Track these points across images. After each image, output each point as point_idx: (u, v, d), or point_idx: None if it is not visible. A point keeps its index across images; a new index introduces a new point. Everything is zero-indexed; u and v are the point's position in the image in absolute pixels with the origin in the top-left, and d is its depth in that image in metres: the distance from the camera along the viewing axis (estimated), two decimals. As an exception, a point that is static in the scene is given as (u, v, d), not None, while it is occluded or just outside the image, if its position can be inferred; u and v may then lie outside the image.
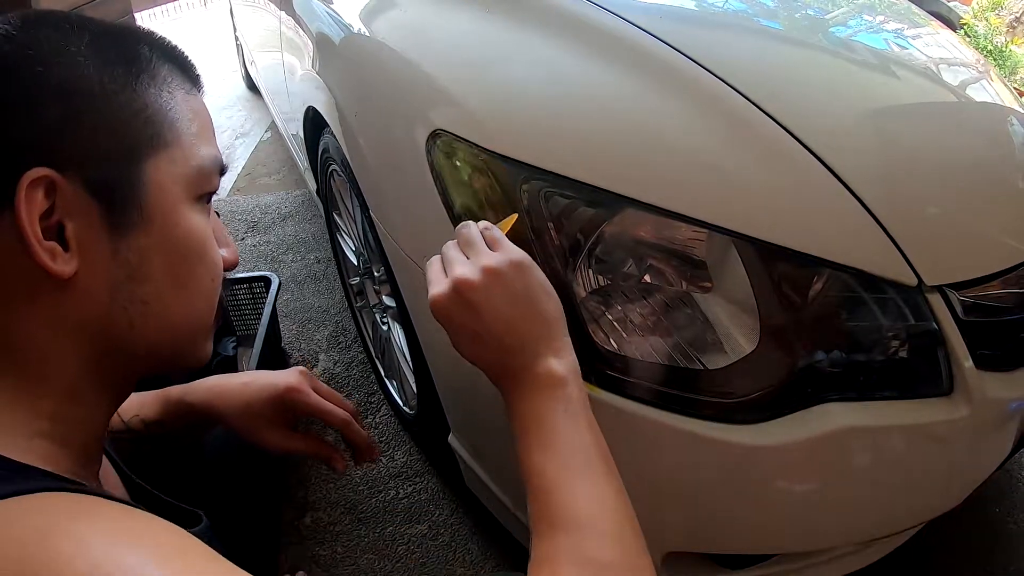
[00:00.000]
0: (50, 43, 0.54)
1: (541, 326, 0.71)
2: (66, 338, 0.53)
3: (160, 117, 0.57)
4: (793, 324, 0.87)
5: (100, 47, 0.56)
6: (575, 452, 0.65)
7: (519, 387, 0.70)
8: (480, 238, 0.75)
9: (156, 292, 0.57)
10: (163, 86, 0.59)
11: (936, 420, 0.92)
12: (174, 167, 0.58)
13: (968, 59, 1.43)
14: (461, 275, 0.70)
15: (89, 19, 0.59)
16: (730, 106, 0.96)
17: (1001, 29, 5.15)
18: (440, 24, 1.22)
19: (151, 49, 0.61)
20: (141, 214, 0.55)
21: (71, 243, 0.51)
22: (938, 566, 1.39)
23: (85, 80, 0.54)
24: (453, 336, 0.73)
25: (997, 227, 1.04)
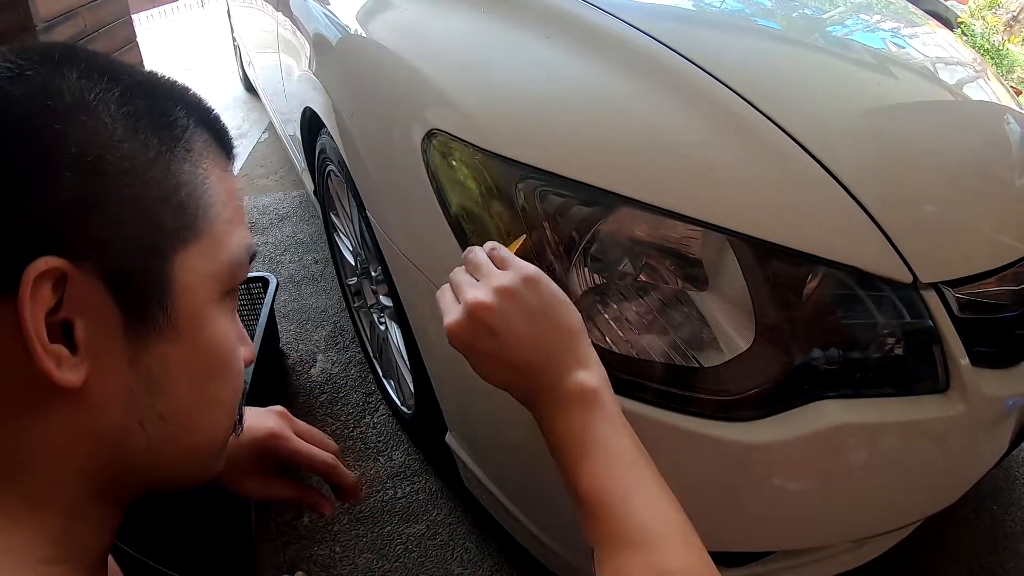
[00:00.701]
0: (73, 94, 0.45)
1: (564, 339, 0.69)
2: (74, 455, 0.45)
3: (194, 201, 0.48)
4: (788, 322, 0.88)
5: (132, 105, 0.47)
6: (622, 463, 0.64)
7: (552, 405, 0.67)
8: (487, 260, 0.73)
9: (177, 408, 0.49)
10: (199, 162, 0.50)
11: (931, 417, 0.93)
12: (205, 262, 0.49)
13: (965, 58, 1.44)
14: (474, 299, 0.67)
15: (121, 65, 0.50)
16: (725, 105, 0.96)
17: (998, 27, 5.15)
18: (436, 24, 1.22)
19: (188, 113, 0.51)
20: (166, 317, 0.46)
21: (80, 346, 0.43)
22: (935, 564, 1.40)
23: (111, 148, 0.44)
24: (475, 363, 0.70)
25: (993, 225, 1.04)
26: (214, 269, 0.49)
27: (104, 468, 0.47)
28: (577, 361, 0.68)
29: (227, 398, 0.54)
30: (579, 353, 0.69)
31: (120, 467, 0.48)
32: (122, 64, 0.50)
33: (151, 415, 0.47)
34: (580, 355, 0.69)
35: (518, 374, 0.68)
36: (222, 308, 0.51)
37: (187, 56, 5.82)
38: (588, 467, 0.64)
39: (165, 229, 0.46)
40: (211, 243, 0.49)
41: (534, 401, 0.69)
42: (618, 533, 0.60)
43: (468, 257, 0.75)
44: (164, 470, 0.50)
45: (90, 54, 0.49)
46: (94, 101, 0.45)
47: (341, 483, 0.83)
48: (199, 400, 0.50)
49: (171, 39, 6.52)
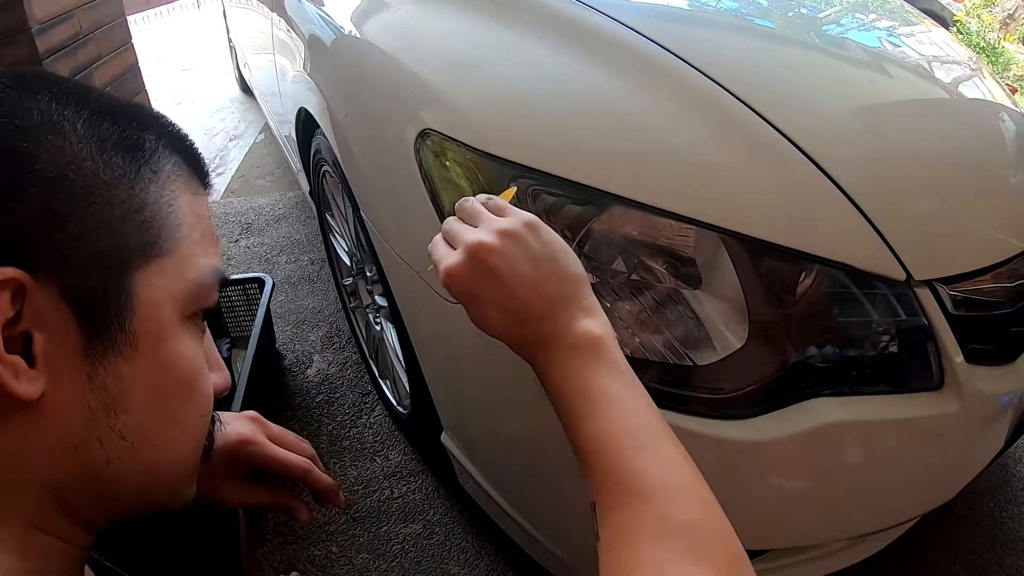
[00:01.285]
0: (42, 115, 0.45)
1: (568, 285, 0.66)
2: (35, 467, 0.45)
3: (159, 221, 0.49)
4: (782, 320, 0.88)
5: (99, 128, 0.48)
6: (630, 413, 0.60)
7: (555, 355, 0.64)
8: (484, 208, 0.70)
9: (137, 427, 0.48)
10: (166, 183, 0.50)
11: (926, 414, 0.93)
12: (168, 281, 0.49)
13: (960, 57, 1.44)
14: (476, 239, 0.64)
15: (91, 90, 0.51)
16: (718, 103, 0.96)
17: (994, 26, 5.16)
18: (429, 25, 1.22)
19: (158, 137, 0.52)
20: (125, 335, 0.46)
21: (39, 359, 0.43)
22: (932, 561, 1.40)
23: (76, 167, 0.45)
24: (474, 309, 0.66)
25: (987, 222, 1.04)
26: (178, 288, 0.49)
27: (67, 483, 0.46)
28: (581, 309, 0.65)
29: (190, 420, 0.52)
30: (583, 301, 0.66)
31: (83, 483, 0.47)
32: (93, 90, 0.51)
33: (109, 432, 0.47)
34: (584, 303, 0.66)
35: (519, 321, 0.65)
36: (187, 329, 0.51)
37: (183, 57, 5.82)
38: (593, 417, 0.60)
39: (128, 247, 0.46)
40: (176, 263, 0.49)
41: (535, 351, 0.66)
42: (624, 484, 0.56)
43: (464, 206, 0.71)
44: (128, 491, 0.50)
45: (62, 80, 0.50)
46: (61, 122, 0.46)
47: (318, 487, 0.80)
48: (159, 419, 0.49)
49: (167, 40, 6.52)
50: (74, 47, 2.08)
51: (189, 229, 0.51)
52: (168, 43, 6.39)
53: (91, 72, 2.19)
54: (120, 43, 2.42)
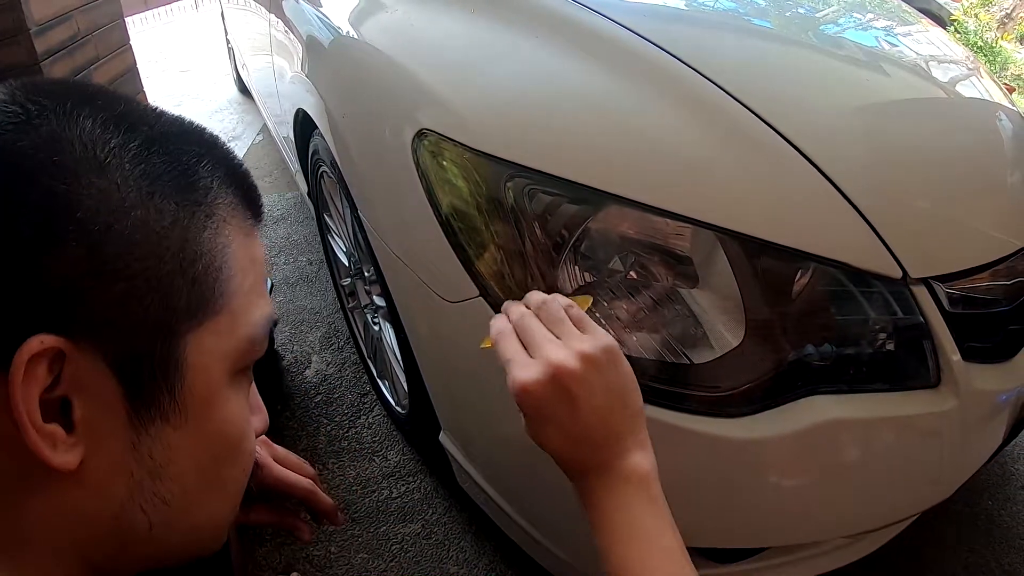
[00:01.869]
0: (85, 148, 0.40)
1: (630, 420, 0.66)
2: (71, 533, 0.42)
3: (212, 274, 0.44)
4: (779, 318, 0.88)
5: (149, 164, 0.42)
6: (665, 552, 0.63)
7: (604, 481, 0.65)
8: (567, 317, 0.68)
9: (181, 492, 0.45)
10: (221, 227, 0.45)
11: (923, 412, 0.93)
12: (220, 340, 0.44)
13: (957, 56, 1.44)
14: (559, 361, 0.62)
15: (137, 109, 0.45)
16: (713, 102, 0.97)
17: (991, 25, 5.17)
18: (426, 26, 1.22)
19: (212, 168, 0.46)
20: (173, 402, 0.43)
21: (78, 426, 0.39)
22: (931, 559, 1.40)
23: (122, 216, 0.40)
24: (538, 425, 0.65)
25: (984, 220, 1.05)
26: (230, 347, 0.45)
27: (102, 546, 0.44)
28: (637, 443, 0.66)
29: (235, 480, 0.51)
30: (639, 435, 0.67)
31: (118, 545, 0.45)
32: (144, 111, 0.45)
33: (153, 499, 0.44)
34: (639, 436, 0.67)
35: (578, 447, 0.65)
36: (235, 387, 0.48)
37: (181, 59, 5.82)
38: (632, 547, 0.63)
39: (177, 307, 0.42)
40: (228, 319, 0.45)
41: (584, 474, 0.66)
42: None
43: (547, 308, 0.69)
44: (166, 551, 0.47)
45: (105, 96, 0.44)
46: (106, 158, 0.40)
47: (320, 508, 0.81)
48: (205, 484, 0.47)
49: (165, 42, 6.52)
50: (72, 48, 2.08)
51: (242, 278, 0.46)
52: (166, 44, 6.39)
53: (90, 73, 2.19)
54: (118, 44, 2.42)
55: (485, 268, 0.94)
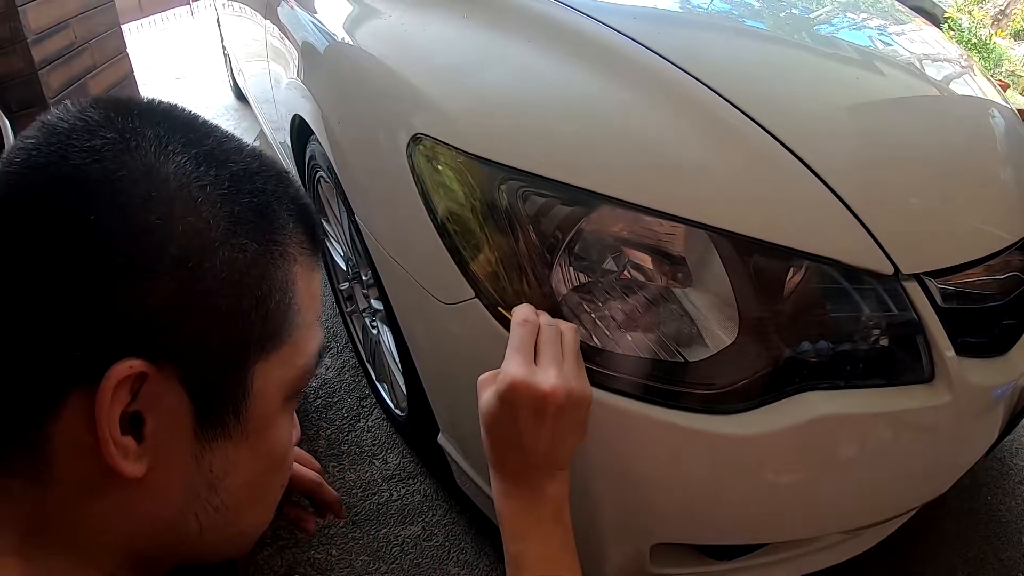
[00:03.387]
0: (180, 183, 0.42)
1: (568, 455, 0.76)
2: (125, 533, 0.45)
3: (282, 310, 0.47)
4: (772, 316, 0.88)
5: (236, 204, 0.44)
6: (554, 551, 0.74)
7: (525, 495, 0.74)
8: (579, 352, 0.79)
9: (232, 502, 0.49)
10: (291, 266, 0.48)
11: (917, 407, 0.93)
12: (282, 370, 0.48)
13: (950, 54, 1.45)
14: (554, 385, 0.72)
15: (229, 145, 0.47)
16: (704, 103, 0.97)
17: (985, 22, 5.18)
18: (420, 32, 1.23)
19: (287, 206, 0.49)
20: (237, 423, 0.46)
21: (148, 439, 0.42)
22: (929, 554, 1.40)
23: (211, 254, 0.42)
24: (498, 426, 0.75)
25: (976, 215, 1.05)
26: (290, 376, 0.49)
27: (152, 546, 0.47)
28: (561, 473, 0.76)
29: (276, 491, 0.55)
30: (564, 468, 0.77)
31: (167, 546, 0.48)
32: (229, 146, 0.47)
33: (207, 507, 0.48)
34: (564, 471, 0.77)
35: (520, 454, 0.74)
36: (288, 410, 0.51)
37: (177, 66, 5.83)
38: (522, 543, 0.74)
39: (250, 338, 0.45)
40: (290, 351, 0.48)
41: (511, 482, 0.75)
42: None
43: (569, 336, 0.79)
44: (204, 552, 0.51)
45: (199, 130, 0.46)
46: (199, 196, 0.43)
47: (325, 501, 0.85)
48: (252, 495, 0.51)
49: (161, 48, 6.52)
50: (69, 57, 2.09)
51: (306, 312, 0.49)
52: (162, 51, 6.40)
53: (86, 81, 2.19)
54: (115, 52, 2.43)
55: (480, 270, 0.94)
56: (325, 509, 0.85)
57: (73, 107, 0.45)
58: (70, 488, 0.43)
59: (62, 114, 0.44)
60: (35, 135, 0.42)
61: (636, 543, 0.98)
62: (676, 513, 0.96)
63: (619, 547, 0.98)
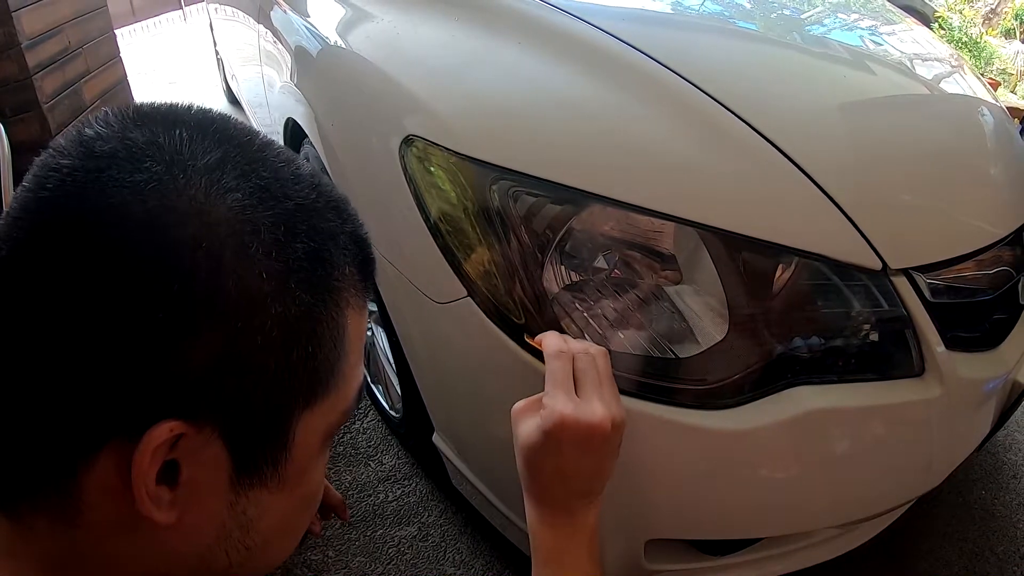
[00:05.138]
0: (232, 230, 0.38)
1: (604, 483, 0.76)
2: (155, 568, 0.44)
3: (331, 360, 0.44)
4: (762, 311, 0.89)
5: (292, 251, 0.41)
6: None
7: (565, 523, 0.75)
8: (612, 378, 0.79)
9: (263, 541, 0.47)
10: (343, 311, 0.45)
11: (908, 401, 0.94)
12: (325, 417, 0.46)
13: (940, 53, 1.46)
14: (603, 417, 0.72)
15: (285, 175, 0.43)
16: (692, 103, 0.98)
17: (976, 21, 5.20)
18: (412, 35, 1.24)
19: (344, 244, 0.45)
20: (275, 473, 0.44)
21: (182, 486, 0.40)
22: (925, 549, 1.41)
23: (261, 311, 0.39)
24: (542, 459, 0.74)
25: (964, 211, 1.06)
26: (330, 422, 0.47)
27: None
28: (598, 502, 0.77)
29: (305, 524, 0.53)
30: (601, 495, 0.77)
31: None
32: (287, 170, 0.44)
33: (238, 546, 0.46)
34: (600, 497, 0.77)
35: (562, 484, 0.75)
36: (324, 451, 0.49)
37: (170, 70, 5.82)
38: (561, 571, 0.75)
39: (295, 391, 0.43)
40: (335, 398, 0.46)
41: (548, 508, 0.76)
42: None
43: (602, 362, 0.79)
44: None
45: (257, 156, 0.42)
46: (252, 243, 0.39)
47: (330, 502, 0.85)
48: (283, 531, 0.50)
49: (153, 53, 6.52)
50: (63, 62, 2.09)
51: (351, 355, 0.46)
52: (154, 56, 6.39)
53: (80, 86, 2.20)
54: (108, 57, 2.43)
55: (472, 269, 0.95)
56: (329, 511, 0.86)
57: (114, 122, 0.40)
58: (99, 528, 0.41)
59: (101, 130, 0.39)
60: (70, 154, 0.38)
61: (630, 539, 0.98)
62: (670, 509, 0.96)
63: (613, 543, 0.98)
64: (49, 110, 1.96)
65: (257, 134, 0.45)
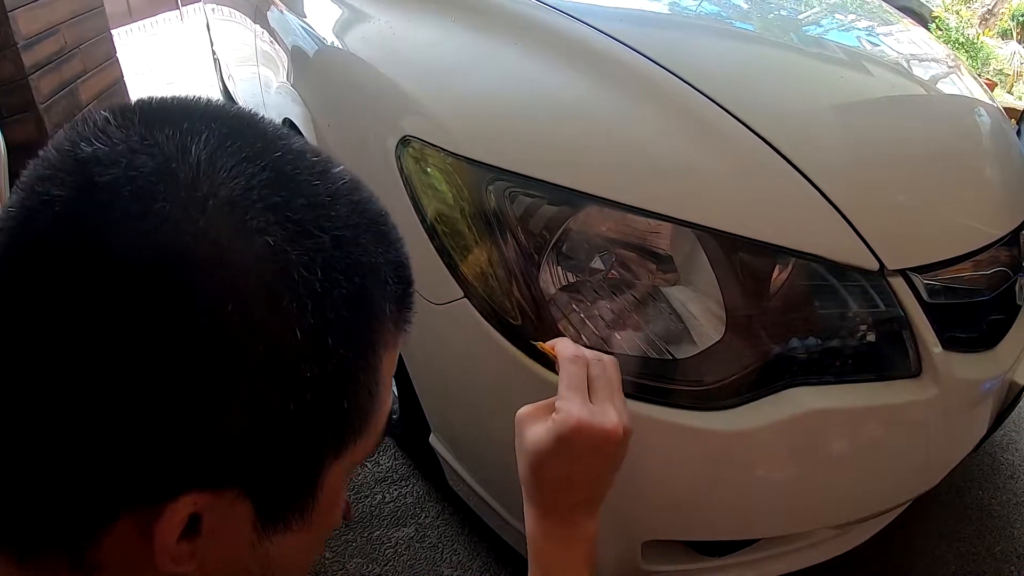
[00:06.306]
0: (260, 276, 0.33)
1: (606, 492, 0.75)
2: None
3: (365, 411, 0.41)
4: (759, 312, 0.89)
5: (330, 296, 0.36)
6: None
7: (566, 534, 0.74)
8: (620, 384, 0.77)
9: (283, 572, 0.45)
10: (382, 357, 0.41)
11: (905, 401, 0.94)
12: (353, 458, 0.43)
13: (937, 54, 1.46)
14: (617, 423, 0.70)
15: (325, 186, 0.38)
16: (689, 103, 0.98)
17: (973, 21, 5.21)
18: (408, 35, 1.24)
19: (385, 281, 0.40)
20: (301, 519, 0.42)
21: (203, 538, 0.37)
22: (922, 550, 1.41)
23: (294, 374, 0.35)
24: (551, 465, 0.72)
25: (961, 211, 1.06)
26: (359, 458, 0.44)
27: None
28: (598, 510, 0.76)
29: (321, 549, 0.53)
30: (603, 498, 0.76)
31: None
32: (323, 190, 0.38)
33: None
34: (603, 499, 0.76)
35: (569, 491, 0.73)
36: (346, 483, 0.46)
37: (167, 70, 5.81)
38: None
39: (327, 446, 0.40)
40: (365, 440, 0.42)
41: (551, 517, 0.74)
42: None
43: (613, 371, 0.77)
44: None
45: (292, 180, 0.37)
46: (283, 295, 0.34)
47: None
48: (302, 563, 0.48)
49: (150, 53, 6.50)
50: (59, 62, 2.08)
51: (383, 393, 0.43)
52: (151, 56, 6.37)
53: (77, 86, 2.19)
54: (105, 57, 2.42)
55: (469, 270, 0.95)
56: None
57: (116, 137, 0.34)
58: (115, 569, 0.38)
59: (101, 151, 0.33)
60: (63, 183, 0.33)
61: (627, 540, 0.98)
62: (667, 510, 0.96)
63: (610, 545, 0.98)
64: (45, 110, 1.96)
65: (286, 140, 0.40)
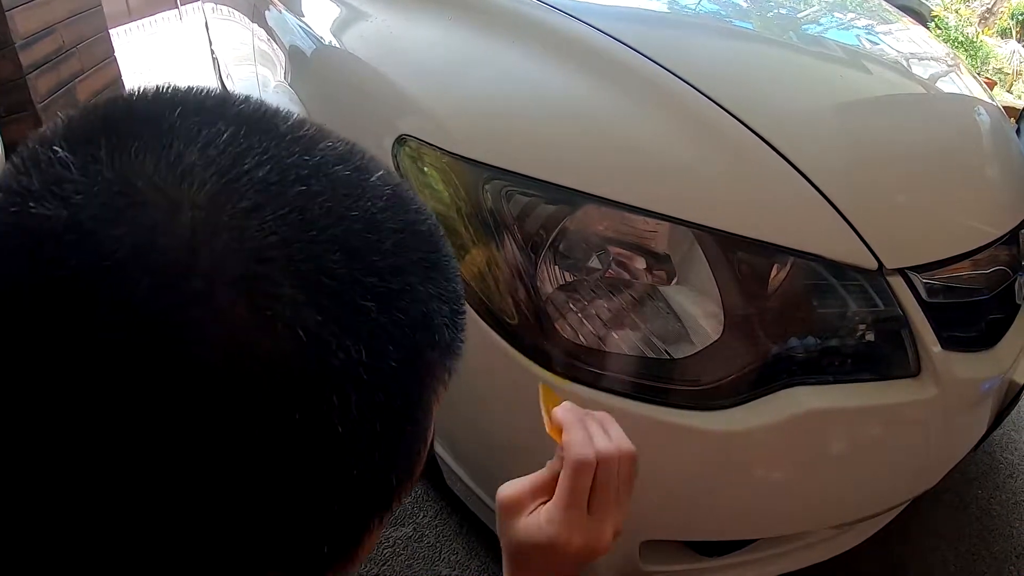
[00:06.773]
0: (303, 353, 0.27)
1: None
2: None
3: (414, 468, 0.36)
4: (757, 312, 0.89)
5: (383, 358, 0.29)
6: None
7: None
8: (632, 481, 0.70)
9: None
10: (436, 393, 0.35)
11: (904, 401, 0.94)
12: (396, 504, 0.37)
13: (936, 53, 1.46)
14: (607, 545, 0.64)
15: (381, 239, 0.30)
16: (688, 102, 0.98)
17: (972, 20, 5.21)
18: (406, 35, 1.23)
19: (436, 326, 0.33)
20: (343, 571, 0.37)
21: None
22: (922, 549, 1.41)
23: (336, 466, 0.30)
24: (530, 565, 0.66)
25: (960, 211, 1.06)
26: (400, 503, 0.38)
27: None
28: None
29: None
30: None
31: None
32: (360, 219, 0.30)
33: None
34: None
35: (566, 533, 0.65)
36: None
37: (165, 70, 5.81)
38: None
39: (372, 511, 0.35)
40: (409, 485, 0.37)
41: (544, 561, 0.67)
42: None
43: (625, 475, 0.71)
44: None
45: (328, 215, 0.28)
46: (338, 366, 0.28)
47: None
48: None
49: (149, 52, 6.50)
50: (57, 61, 2.08)
51: (429, 437, 0.38)
52: (150, 55, 6.37)
53: (75, 86, 2.19)
54: (103, 57, 2.42)
55: (466, 270, 0.95)
56: None
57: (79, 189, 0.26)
58: None
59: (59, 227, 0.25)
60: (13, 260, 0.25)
61: (626, 541, 0.98)
62: (665, 510, 0.96)
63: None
64: (43, 110, 1.95)
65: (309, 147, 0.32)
